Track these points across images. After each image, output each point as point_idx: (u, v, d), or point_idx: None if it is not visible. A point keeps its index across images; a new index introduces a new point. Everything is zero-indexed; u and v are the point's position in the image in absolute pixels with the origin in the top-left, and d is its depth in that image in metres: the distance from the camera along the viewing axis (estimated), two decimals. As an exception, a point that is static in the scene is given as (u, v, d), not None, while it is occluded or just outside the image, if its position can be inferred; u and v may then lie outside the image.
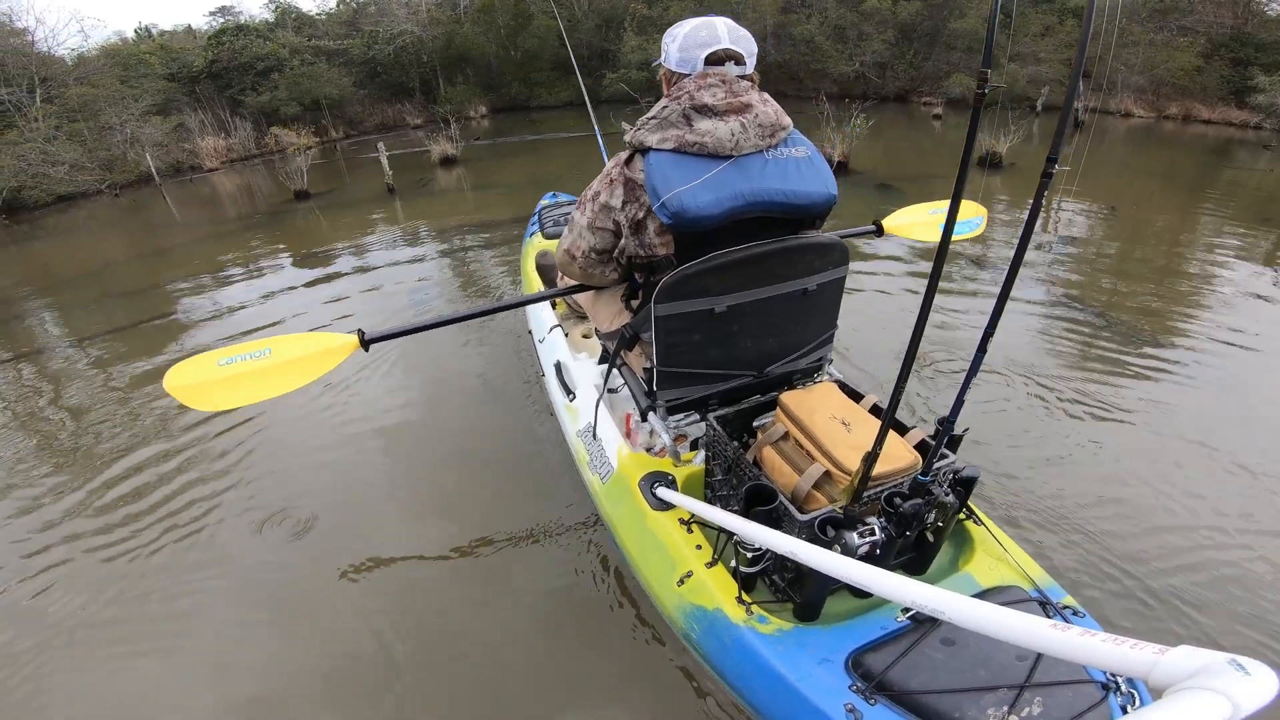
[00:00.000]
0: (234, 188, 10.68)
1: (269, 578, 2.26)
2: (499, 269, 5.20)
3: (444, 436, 2.97)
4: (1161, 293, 4.29)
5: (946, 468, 1.36)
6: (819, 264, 1.54)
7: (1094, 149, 10.25)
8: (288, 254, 6.23)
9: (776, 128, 1.37)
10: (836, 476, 1.34)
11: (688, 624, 1.47)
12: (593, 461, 2.03)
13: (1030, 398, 3.05)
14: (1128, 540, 2.20)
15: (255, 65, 14.45)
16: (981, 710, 1.07)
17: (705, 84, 1.35)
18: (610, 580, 2.13)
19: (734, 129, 1.32)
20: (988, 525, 1.51)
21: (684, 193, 1.29)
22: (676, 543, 1.56)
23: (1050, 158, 0.98)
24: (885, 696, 1.13)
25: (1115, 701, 1.09)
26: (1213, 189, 7.58)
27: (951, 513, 1.29)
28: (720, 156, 1.33)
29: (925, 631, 1.22)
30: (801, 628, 1.31)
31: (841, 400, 1.53)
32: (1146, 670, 0.55)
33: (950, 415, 1.26)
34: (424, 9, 17.14)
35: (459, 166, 10.27)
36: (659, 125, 1.35)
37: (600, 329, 1.93)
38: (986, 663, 1.14)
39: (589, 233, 1.46)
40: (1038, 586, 1.36)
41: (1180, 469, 2.56)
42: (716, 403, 1.70)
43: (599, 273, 1.54)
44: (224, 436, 3.04)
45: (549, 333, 2.71)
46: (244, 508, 2.58)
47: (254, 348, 1.59)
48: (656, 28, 16.19)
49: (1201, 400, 3.04)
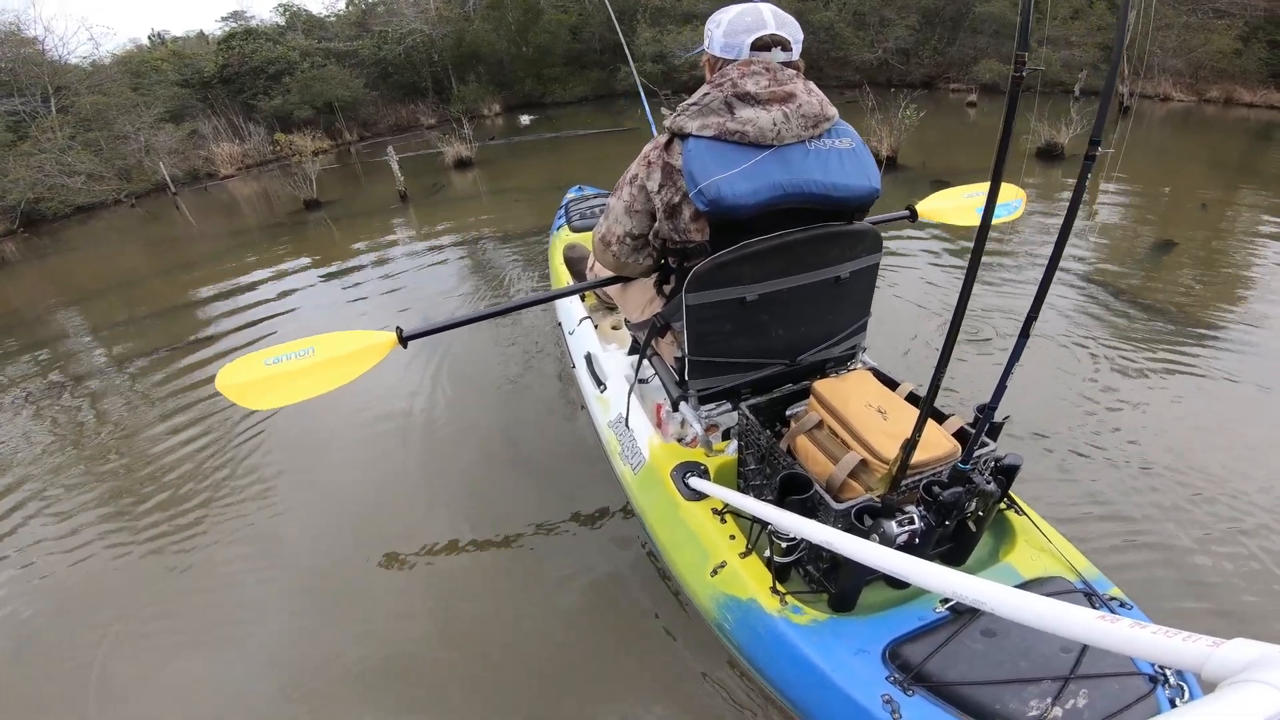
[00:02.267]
0: (251, 194, 10.55)
1: (314, 567, 2.33)
2: (525, 280, 4.94)
3: (475, 431, 3.01)
4: (1207, 278, 4.12)
5: (987, 455, 1.34)
6: (852, 252, 1.51)
7: (1134, 132, 9.94)
8: (302, 265, 6.02)
9: (820, 118, 1.35)
10: (873, 465, 1.32)
11: (721, 614, 1.47)
12: (624, 452, 2.04)
13: (1066, 376, 2.99)
14: (1170, 529, 2.13)
15: (266, 69, 14.38)
16: (1024, 702, 1.05)
17: (749, 71, 1.33)
18: (642, 571, 2.13)
19: (776, 118, 1.30)
20: (1030, 515, 1.48)
21: (721, 181, 1.28)
22: (709, 533, 1.56)
23: (1093, 140, 0.95)
24: (923, 688, 1.11)
25: (1163, 694, 1.06)
26: (1258, 173, 7.18)
27: (992, 502, 1.26)
28: (761, 146, 1.31)
29: (965, 623, 1.20)
30: (837, 618, 1.29)
31: (877, 388, 1.51)
32: (1200, 663, 0.53)
33: (991, 402, 1.23)
34: (433, 7, 16.95)
35: (474, 169, 9.92)
36: (700, 111, 1.33)
37: (630, 319, 1.93)
38: (1029, 654, 1.11)
39: (626, 217, 1.45)
40: (1083, 578, 1.32)
41: (1226, 454, 2.47)
42: (748, 392, 1.69)
43: (634, 260, 1.52)
44: (266, 436, 3.13)
45: (579, 325, 2.72)
46: (286, 506, 2.65)
47: (298, 346, 1.65)
48: (670, 19, 16.00)
49: (1239, 387, 2.94)
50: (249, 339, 4.42)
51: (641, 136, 10.54)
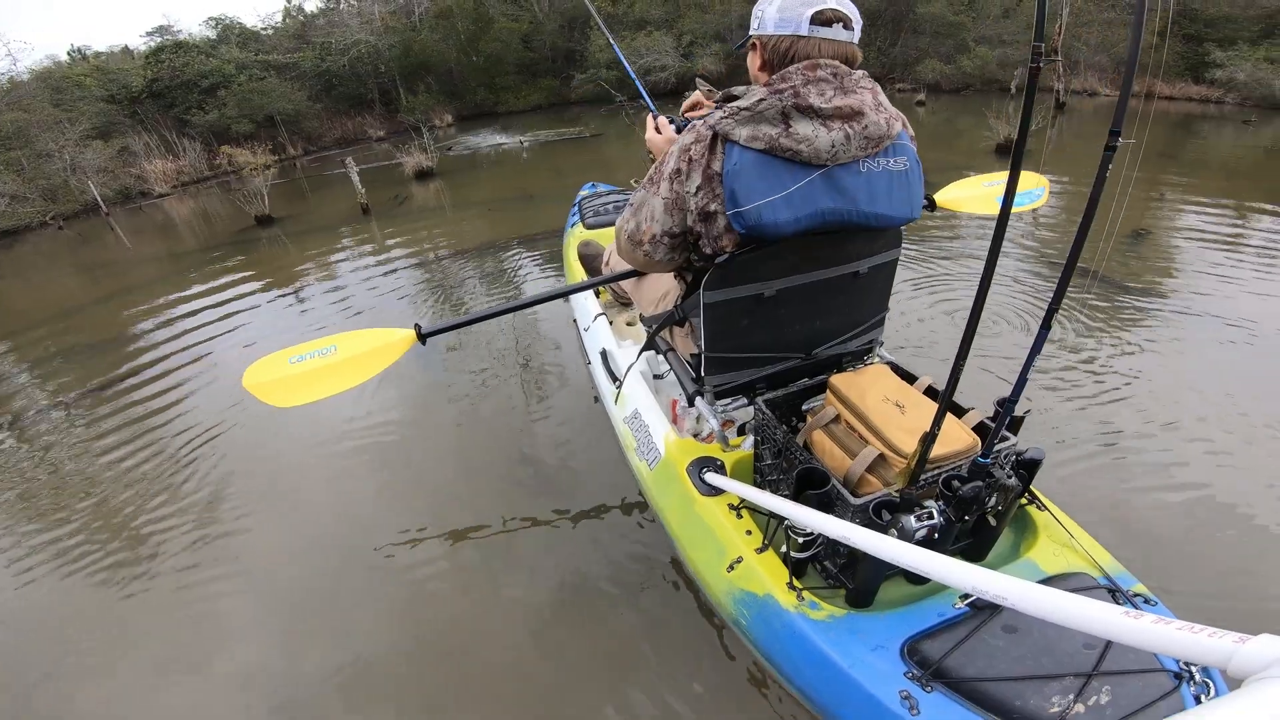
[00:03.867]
0: (189, 213, 9.95)
1: (288, 584, 2.28)
2: (528, 282, 4.81)
3: (481, 427, 3.03)
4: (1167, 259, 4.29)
5: (1008, 450, 1.32)
6: (871, 247, 1.50)
7: (1066, 126, 10.26)
8: (260, 288, 5.53)
9: (884, 138, 1.23)
10: (891, 459, 1.31)
11: (737, 610, 1.47)
12: (640, 448, 2.04)
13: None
14: (1189, 524, 2.10)
15: (199, 83, 13.86)
16: (1045, 698, 1.04)
17: (814, 78, 1.18)
18: (658, 566, 2.14)
19: (836, 139, 1.18)
20: (1052, 510, 1.46)
21: (764, 206, 1.18)
22: (726, 528, 1.56)
23: (1113, 130, 0.93)
24: (942, 684, 1.11)
25: (1188, 691, 1.05)
26: (1177, 160, 7.52)
27: (1013, 496, 1.25)
28: (813, 165, 1.20)
29: (985, 619, 1.19)
30: (854, 614, 1.29)
31: (894, 382, 1.50)
32: (1225, 659, 0.52)
33: (1011, 395, 1.21)
34: (378, 18, 16.58)
35: (436, 179, 9.55)
36: (752, 119, 1.17)
37: (644, 313, 1.93)
38: (1051, 651, 1.10)
39: (665, 214, 1.31)
40: (1106, 573, 1.30)
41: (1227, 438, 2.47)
42: (764, 386, 1.68)
43: (666, 259, 1.39)
44: (221, 458, 3.03)
45: (594, 321, 2.73)
46: (250, 524, 2.59)
47: (320, 345, 1.68)
48: (623, 25, 15.98)
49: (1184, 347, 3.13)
50: (206, 368, 4.08)
51: (603, 141, 10.54)
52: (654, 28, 15.82)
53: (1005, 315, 3.56)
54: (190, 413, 3.48)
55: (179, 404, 3.61)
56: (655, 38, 15.41)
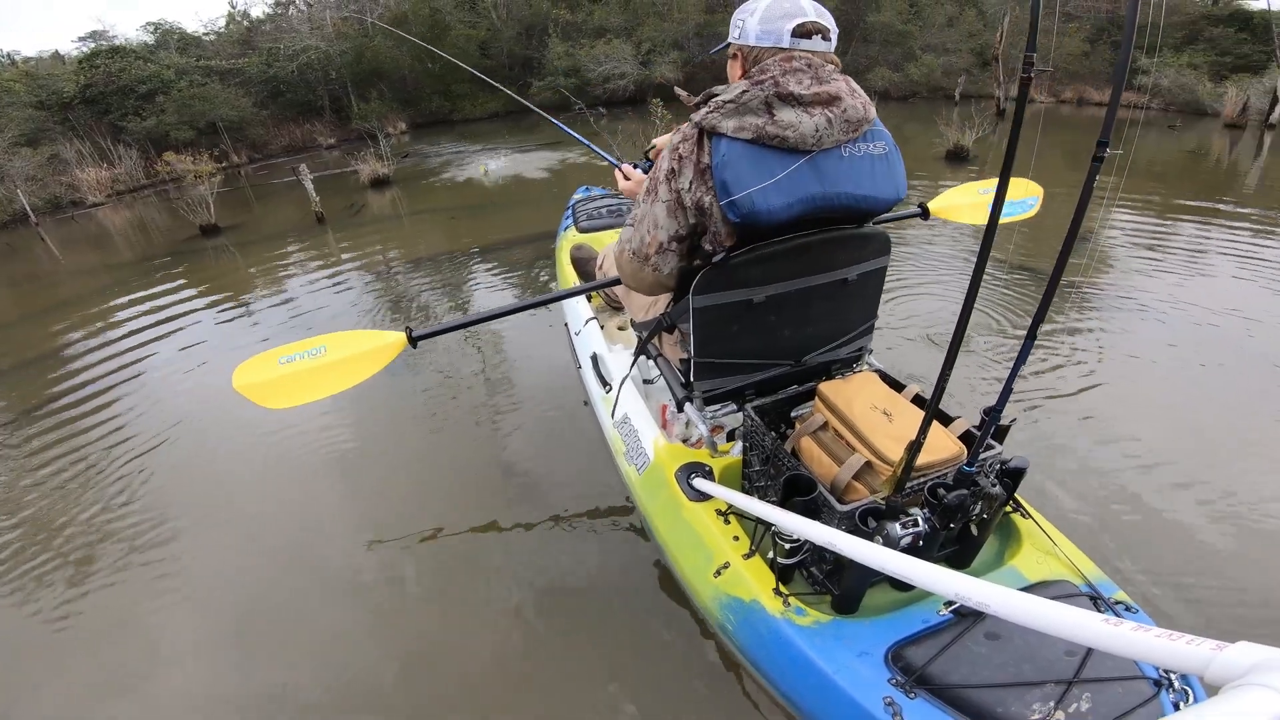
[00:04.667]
0: (124, 223, 9.29)
1: (238, 602, 2.20)
2: (506, 289, 4.69)
3: (471, 431, 3.00)
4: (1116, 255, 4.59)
5: (993, 458, 1.33)
6: (860, 254, 1.51)
7: (1004, 132, 10.36)
8: (208, 302, 5.17)
9: (863, 122, 1.28)
10: (878, 467, 1.32)
11: (724, 615, 1.47)
12: (629, 452, 2.04)
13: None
14: (1169, 531, 2.12)
15: (137, 88, 13.11)
16: (1027, 705, 1.05)
17: (791, 68, 1.23)
18: (646, 572, 2.14)
19: (819, 124, 1.22)
20: (1036, 518, 1.48)
21: (756, 193, 1.22)
22: (713, 534, 1.56)
23: (1101, 141, 0.94)
24: (926, 690, 1.11)
25: (1168, 698, 1.06)
26: (1109, 164, 7.90)
27: (997, 505, 1.26)
28: (798, 151, 1.24)
29: (969, 625, 1.20)
30: (840, 620, 1.29)
31: (882, 390, 1.51)
32: (1203, 666, 0.53)
33: (997, 404, 1.23)
34: (329, 24, 15.95)
35: (393, 188, 9.14)
36: (737, 110, 1.22)
37: (636, 319, 1.93)
38: (1033, 658, 1.11)
39: (669, 218, 1.32)
40: (1089, 581, 1.32)
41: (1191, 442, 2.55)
42: (753, 393, 1.69)
43: (677, 268, 1.39)
44: (159, 476, 2.89)
45: (585, 325, 2.73)
46: (197, 544, 2.49)
47: (310, 345, 1.66)
48: (582, 34, 15.87)
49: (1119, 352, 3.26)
50: (147, 384, 3.80)
51: (564, 148, 10.37)
52: (613, 35, 15.68)
53: (992, 323, 3.61)
54: (132, 434, 3.24)
55: (117, 420, 3.40)
56: (614, 45, 15.25)
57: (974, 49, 15.21)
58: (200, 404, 3.46)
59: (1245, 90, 11.06)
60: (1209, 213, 5.64)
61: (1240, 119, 10.91)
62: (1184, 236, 5.07)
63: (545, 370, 3.41)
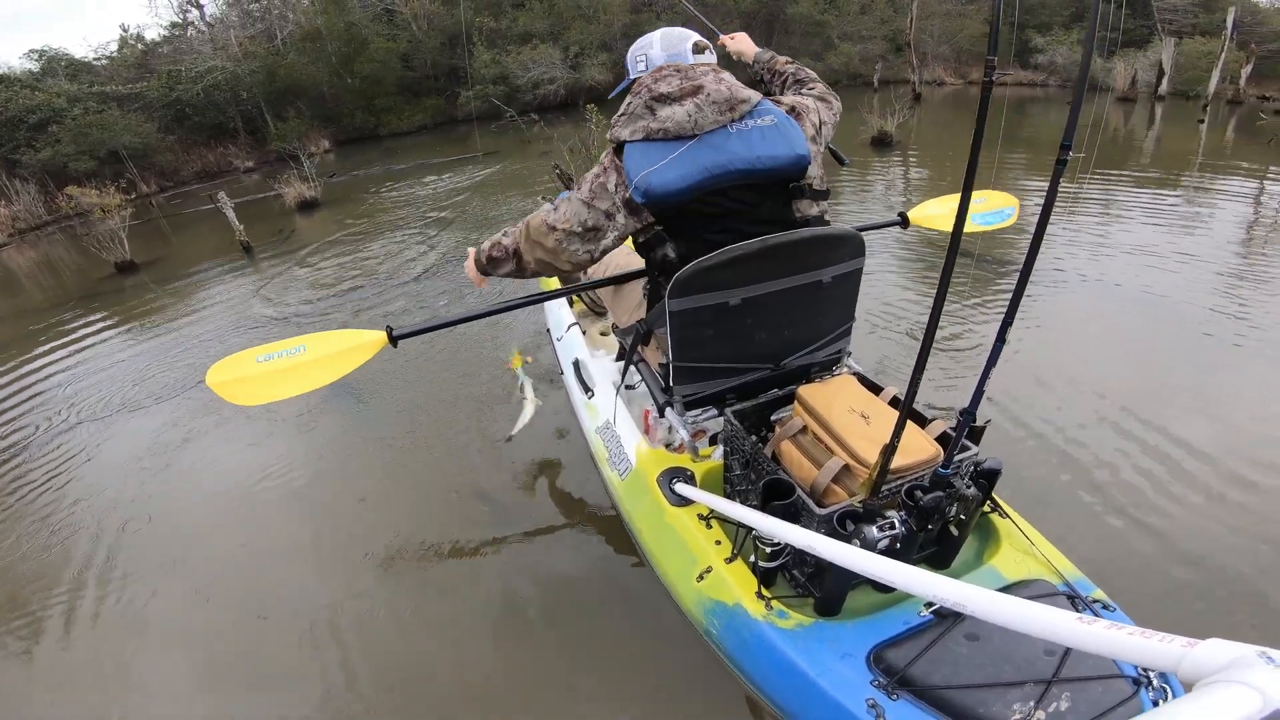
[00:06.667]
0: (30, 264, 8.72)
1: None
2: (438, 303, 4.59)
3: (435, 442, 2.98)
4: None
5: (968, 460, 1.34)
6: (833, 256, 1.52)
7: (923, 115, 11.32)
8: (132, 344, 4.81)
9: (733, 101, 1.44)
10: (855, 470, 1.32)
11: (708, 619, 1.46)
12: (611, 458, 2.03)
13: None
14: (1151, 527, 2.15)
15: (26, 119, 12.37)
16: (1007, 705, 1.05)
17: (661, 75, 1.48)
18: (630, 577, 2.12)
19: (689, 110, 1.41)
20: (1014, 518, 1.49)
21: (651, 173, 1.40)
22: (696, 538, 1.56)
23: (1064, 144, 0.95)
24: (908, 691, 1.11)
25: (1147, 696, 1.07)
26: (1017, 139, 8.53)
27: (974, 506, 1.26)
28: (684, 137, 1.42)
29: (949, 626, 1.20)
30: (822, 623, 1.29)
31: (860, 392, 1.52)
32: (1175, 663, 0.53)
33: (970, 406, 1.23)
34: (234, 43, 15.32)
35: (322, 209, 8.67)
36: (628, 120, 1.47)
37: (619, 324, 1.93)
38: (1012, 658, 1.12)
39: (584, 207, 1.51)
40: (1066, 580, 1.33)
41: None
42: (733, 397, 1.69)
43: (572, 249, 1.55)
44: (104, 527, 2.72)
45: (567, 330, 2.72)
46: (151, 588, 2.38)
47: (289, 344, 1.67)
48: (507, 40, 15.79)
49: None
50: (82, 437, 3.49)
51: (500, 158, 10.22)
52: (540, 40, 15.56)
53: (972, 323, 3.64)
54: (75, 492, 3.01)
55: (56, 480, 3.14)
56: (542, 50, 15.17)
57: (887, 35, 15.81)
58: (149, 452, 3.22)
59: (1133, 64, 11.67)
60: (1124, 180, 6.21)
61: (1131, 92, 11.54)
62: (1095, 205, 5.51)
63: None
